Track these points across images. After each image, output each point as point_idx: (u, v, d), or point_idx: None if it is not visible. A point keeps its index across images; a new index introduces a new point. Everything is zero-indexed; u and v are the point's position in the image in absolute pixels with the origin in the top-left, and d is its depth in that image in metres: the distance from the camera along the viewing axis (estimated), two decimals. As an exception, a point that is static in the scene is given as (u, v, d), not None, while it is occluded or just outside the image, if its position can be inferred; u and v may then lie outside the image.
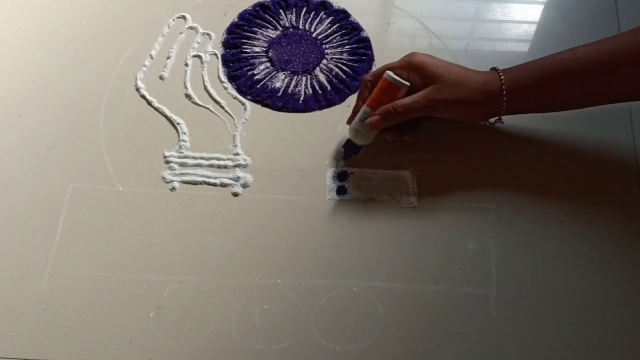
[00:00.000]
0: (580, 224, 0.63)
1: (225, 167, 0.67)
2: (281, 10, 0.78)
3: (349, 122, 0.65)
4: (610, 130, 0.69)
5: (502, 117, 0.64)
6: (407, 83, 0.62)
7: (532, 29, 0.78)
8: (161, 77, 0.73)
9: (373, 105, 0.63)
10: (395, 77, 0.62)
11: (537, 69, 0.61)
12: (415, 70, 0.62)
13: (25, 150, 0.67)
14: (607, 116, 0.69)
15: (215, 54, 0.75)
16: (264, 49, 0.75)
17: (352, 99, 0.71)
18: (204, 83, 0.73)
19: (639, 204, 0.64)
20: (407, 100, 0.62)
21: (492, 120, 0.66)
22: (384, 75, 0.63)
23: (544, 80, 0.60)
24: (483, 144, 0.68)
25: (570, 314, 0.58)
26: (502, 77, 0.61)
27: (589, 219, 0.63)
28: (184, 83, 0.72)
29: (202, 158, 0.67)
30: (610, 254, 0.61)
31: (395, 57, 0.74)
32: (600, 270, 0.60)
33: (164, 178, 0.66)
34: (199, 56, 0.75)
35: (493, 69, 0.63)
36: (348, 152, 0.66)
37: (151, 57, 0.74)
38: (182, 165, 0.67)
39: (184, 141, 0.68)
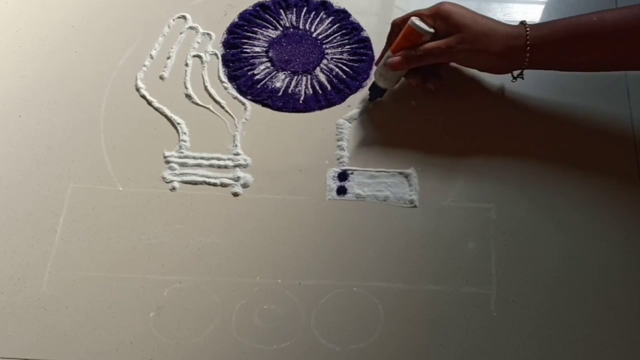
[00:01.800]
0: (581, 223, 0.63)
1: (226, 167, 0.67)
2: (281, 10, 0.78)
3: (377, 63, 0.69)
4: (611, 130, 0.68)
5: (524, 72, 0.66)
6: (431, 30, 0.64)
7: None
8: (161, 77, 0.73)
9: (396, 50, 0.65)
10: (418, 24, 0.63)
11: (564, 28, 0.62)
12: (442, 18, 0.64)
13: (25, 150, 0.67)
14: (607, 116, 0.69)
15: (216, 54, 0.75)
16: (264, 49, 0.75)
17: (352, 99, 0.71)
18: (204, 83, 0.73)
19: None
20: (429, 45, 0.64)
21: (514, 73, 0.67)
22: (409, 22, 0.64)
23: (569, 41, 0.62)
24: (483, 144, 0.68)
25: (570, 313, 0.58)
26: (529, 32, 0.62)
27: (590, 218, 0.63)
28: (184, 83, 0.72)
29: (202, 158, 0.67)
30: (611, 254, 0.61)
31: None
32: (600, 270, 0.60)
33: (164, 178, 0.66)
34: (199, 56, 0.75)
35: (522, 22, 0.64)
36: (373, 94, 0.69)
37: (151, 57, 0.74)
38: (182, 165, 0.67)
39: (184, 141, 0.68)
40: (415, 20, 0.64)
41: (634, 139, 0.68)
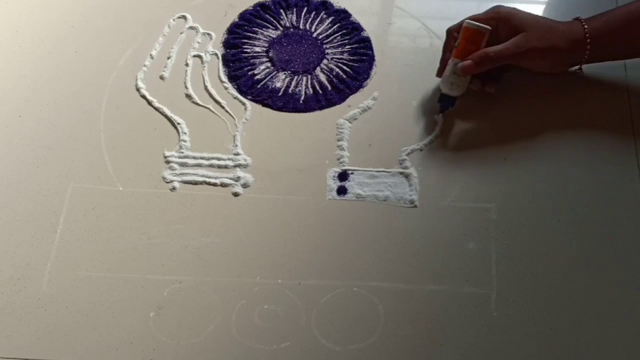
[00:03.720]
0: (582, 223, 0.63)
1: (226, 167, 0.67)
2: (282, 10, 0.78)
3: (439, 74, 0.69)
4: (611, 130, 0.68)
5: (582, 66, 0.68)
6: (488, 27, 0.65)
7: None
8: (161, 77, 0.73)
9: (460, 55, 0.66)
10: (475, 22, 0.65)
11: (619, 17, 0.65)
12: (503, 20, 0.66)
13: (25, 150, 0.67)
14: (607, 116, 0.69)
15: (216, 54, 0.75)
16: (265, 49, 0.75)
17: (352, 99, 0.71)
18: (204, 83, 0.73)
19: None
20: (499, 47, 0.65)
21: (573, 69, 0.69)
22: (465, 24, 0.66)
23: (626, 28, 0.64)
24: (482, 144, 0.68)
25: (571, 313, 0.58)
26: (586, 26, 0.64)
27: (590, 218, 0.63)
28: (185, 83, 0.72)
29: (202, 158, 0.67)
30: (611, 254, 0.61)
31: (396, 57, 0.74)
32: (601, 270, 0.60)
33: (164, 178, 0.66)
34: (199, 56, 0.75)
35: (576, 19, 0.66)
36: (444, 105, 0.68)
37: (152, 57, 0.74)
38: (182, 165, 0.67)
39: (185, 141, 0.68)
40: (470, 21, 0.66)
41: (634, 139, 0.68)
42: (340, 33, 0.76)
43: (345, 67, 0.74)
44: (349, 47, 0.75)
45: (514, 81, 0.71)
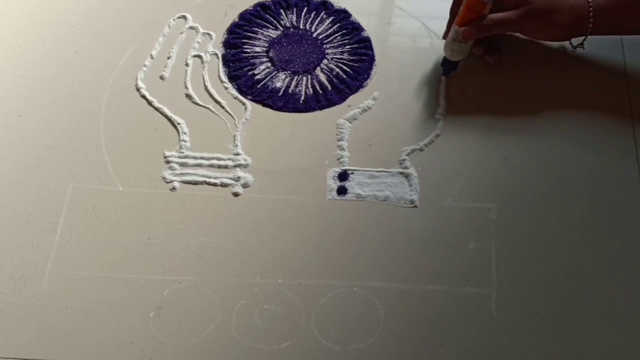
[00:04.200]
0: (582, 223, 0.63)
1: (226, 167, 0.67)
2: (282, 10, 0.78)
3: (445, 37, 0.71)
4: (611, 130, 0.68)
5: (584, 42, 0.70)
6: None
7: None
8: (162, 77, 0.73)
9: (461, 23, 0.67)
10: None
11: None
12: None
13: (25, 150, 0.67)
14: (607, 115, 0.69)
15: (216, 54, 0.75)
16: (265, 49, 0.75)
17: (352, 99, 0.71)
18: (204, 83, 0.73)
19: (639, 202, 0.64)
20: (500, 15, 0.67)
21: (574, 43, 0.70)
22: None
23: (629, 5, 0.65)
24: (482, 144, 0.68)
25: (570, 313, 0.58)
26: (590, 2, 0.66)
27: (590, 218, 0.63)
28: (185, 83, 0.72)
29: (202, 158, 0.67)
30: (611, 254, 0.61)
31: (396, 57, 0.74)
32: (600, 270, 0.60)
33: (164, 178, 0.66)
34: (199, 56, 0.75)
35: None
36: (447, 69, 0.71)
37: (152, 57, 0.74)
38: (182, 165, 0.67)
39: (185, 141, 0.68)
40: None
41: (634, 139, 0.67)
42: (340, 33, 0.76)
43: (345, 67, 0.74)
44: (349, 47, 0.75)
45: (514, 81, 0.71)
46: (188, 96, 0.71)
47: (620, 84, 0.71)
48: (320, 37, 0.76)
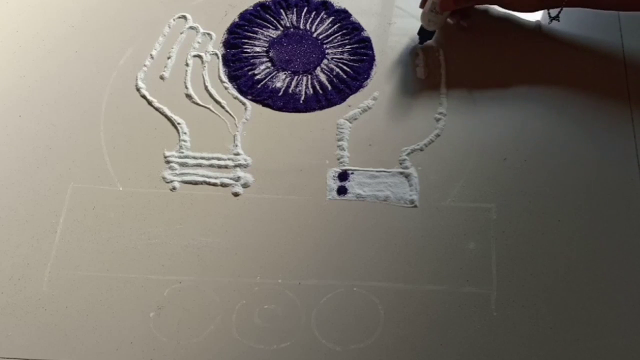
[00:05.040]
0: (582, 222, 0.63)
1: (226, 167, 0.67)
2: (282, 10, 0.78)
3: (421, 5, 0.72)
4: (611, 129, 0.68)
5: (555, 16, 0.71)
6: None
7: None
8: (162, 77, 0.73)
9: None
10: None
11: None
12: None
13: (25, 150, 0.67)
14: (607, 115, 0.69)
15: (216, 54, 0.75)
16: (265, 49, 0.75)
17: (352, 99, 0.71)
18: (204, 83, 0.73)
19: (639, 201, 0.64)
20: None
21: (552, 14, 0.72)
22: None
23: None
24: (482, 144, 0.68)
25: (570, 313, 0.58)
26: None
27: (590, 218, 0.63)
28: (185, 83, 0.72)
29: (202, 158, 0.67)
30: (611, 254, 0.61)
31: (396, 57, 0.74)
32: (601, 270, 0.60)
33: (164, 178, 0.66)
34: (199, 56, 0.75)
35: None
36: (423, 38, 0.74)
37: (152, 57, 0.74)
38: (182, 165, 0.67)
39: (185, 141, 0.68)
40: None
41: (635, 139, 0.67)
42: (340, 33, 0.76)
43: (345, 67, 0.74)
44: (349, 47, 0.75)
45: (514, 81, 0.71)
46: (188, 96, 0.71)
47: (620, 84, 0.71)
48: (321, 37, 0.76)
